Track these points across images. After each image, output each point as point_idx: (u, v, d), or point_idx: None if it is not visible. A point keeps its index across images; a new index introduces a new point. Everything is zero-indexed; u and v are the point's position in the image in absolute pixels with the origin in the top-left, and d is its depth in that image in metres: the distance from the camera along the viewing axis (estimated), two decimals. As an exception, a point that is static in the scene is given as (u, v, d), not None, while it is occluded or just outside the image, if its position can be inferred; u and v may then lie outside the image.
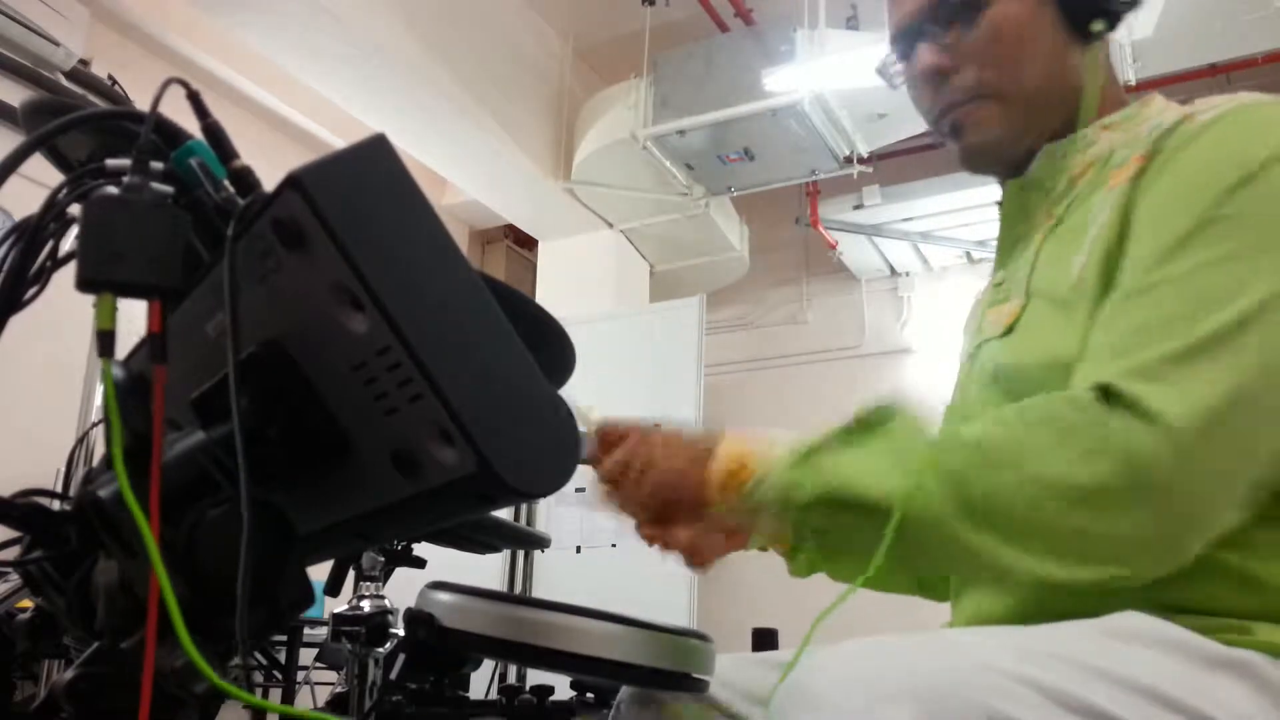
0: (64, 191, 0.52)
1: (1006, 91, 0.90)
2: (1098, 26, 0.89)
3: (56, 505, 0.61)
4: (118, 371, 0.54)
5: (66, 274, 0.56)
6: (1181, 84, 3.71)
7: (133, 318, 0.49)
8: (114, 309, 0.46)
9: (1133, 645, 0.68)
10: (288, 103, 4.27)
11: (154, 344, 0.47)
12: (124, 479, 0.44)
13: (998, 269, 0.96)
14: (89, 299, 0.46)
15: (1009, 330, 0.87)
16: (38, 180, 0.56)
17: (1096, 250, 0.78)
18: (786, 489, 0.74)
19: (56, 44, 3.27)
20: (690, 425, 0.86)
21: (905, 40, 0.96)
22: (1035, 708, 0.62)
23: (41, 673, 1.54)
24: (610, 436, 0.88)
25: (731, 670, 1.00)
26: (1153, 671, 0.65)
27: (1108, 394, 0.66)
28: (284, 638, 3.34)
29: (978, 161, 0.95)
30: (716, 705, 0.98)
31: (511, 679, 3.13)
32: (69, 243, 0.55)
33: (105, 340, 0.47)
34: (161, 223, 0.47)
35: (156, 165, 0.50)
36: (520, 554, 3.94)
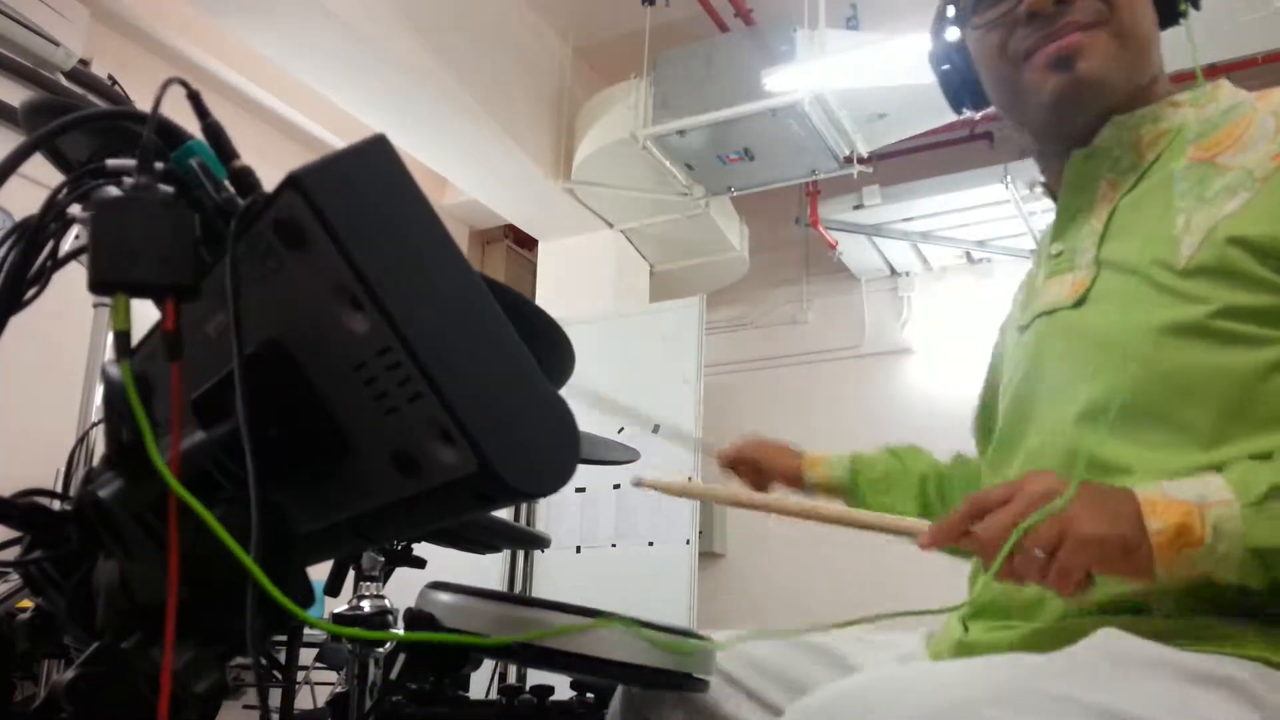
0: (64, 191, 0.52)
1: (1126, 29, 0.89)
2: (1184, 7, 0.93)
3: (56, 505, 0.61)
4: (118, 371, 0.54)
5: (66, 274, 0.56)
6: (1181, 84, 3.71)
7: (135, 318, 0.49)
8: (129, 309, 0.46)
9: (1115, 670, 0.66)
10: (288, 103, 4.27)
11: (169, 342, 0.47)
12: (160, 464, 0.44)
13: (1054, 240, 0.95)
14: (89, 300, 0.46)
15: (1081, 300, 0.87)
16: (38, 180, 0.56)
17: (1220, 240, 0.77)
18: (1260, 550, 0.66)
19: (56, 44, 3.27)
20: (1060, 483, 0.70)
21: None
22: None
23: (41, 673, 1.54)
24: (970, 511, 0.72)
25: (755, 652, 0.99)
26: (1135, 697, 0.63)
27: None
28: (284, 638, 3.34)
29: (1080, 96, 0.90)
30: (728, 678, 0.98)
31: (511, 679, 3.13)
32: (69, 243, 0.55)
33: (122, 341, 0.47)
34: (171, 222, 0.47)
35: (157, 165, 0.50)
36: (520, 554, 3.94)
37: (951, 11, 1.00)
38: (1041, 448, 0.87)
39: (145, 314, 0.49)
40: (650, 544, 3.82)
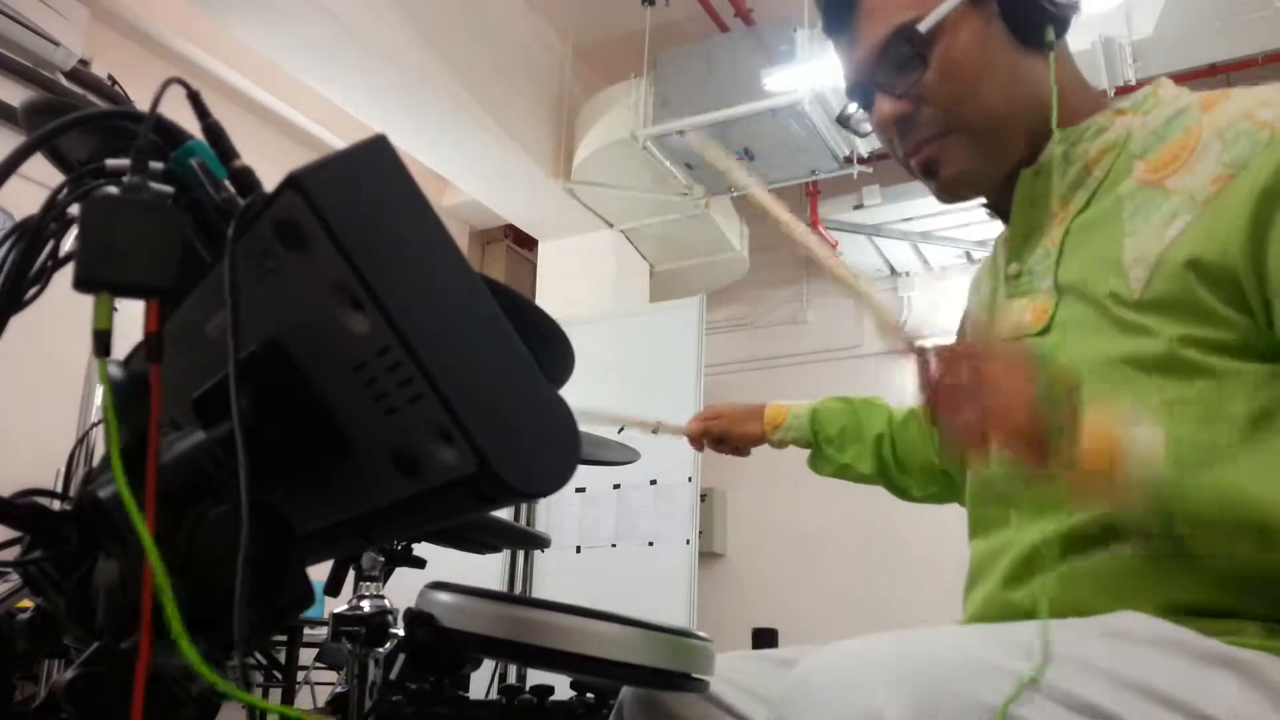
0: (64, 192, 0.52)
1: (971, 123, 0.89)
2: (1050, 35, 0.88)
3: (56, 505, 0.61)
4: (117, 371, 0.54)
5: (67, 274, 0.56)
6: (1182, 84, 3.71)
7: (135, 318, 0.49)
8: (111, 309, 0.46)
9: (1131, 644, 0.68)
10: (288, 103, 4.27)
11: (150, 343, 0.47)
12: (121, 478, 0.44)
13: (1010, 260, 0.94)
14: (90, 300, 0.46)
15: (1047, 328, 0.87)
16: (38, 180, 0.56)
17: (1170, 267, 0.77)
18: (1170, 498, 0.68)
19: (56, 44, 3.27)
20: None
21: (862, 91, 0.95)
22: (1033, 704, 0.63)
23: (41, 673, 1.54)
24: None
25: (732, 667, 1.00)
26: (1151, 670, 0.66)
27: None
28: (284, 638, 3.34)
29: (955, 195, 0.95)
30: (717, 702, 0.98)
31: (511, 679, 3.13)
32: (69, 243, 0.55)
33: (101, 340, 0.47)
34: (160, 223, 0.47)
35: (157, 165, 0.50)
36: (520, 554, 3.94)
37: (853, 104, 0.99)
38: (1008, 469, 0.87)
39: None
40: (650, 544, 3.82)
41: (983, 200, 1.00)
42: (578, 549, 3.93)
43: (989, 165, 0.91)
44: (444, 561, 1.29)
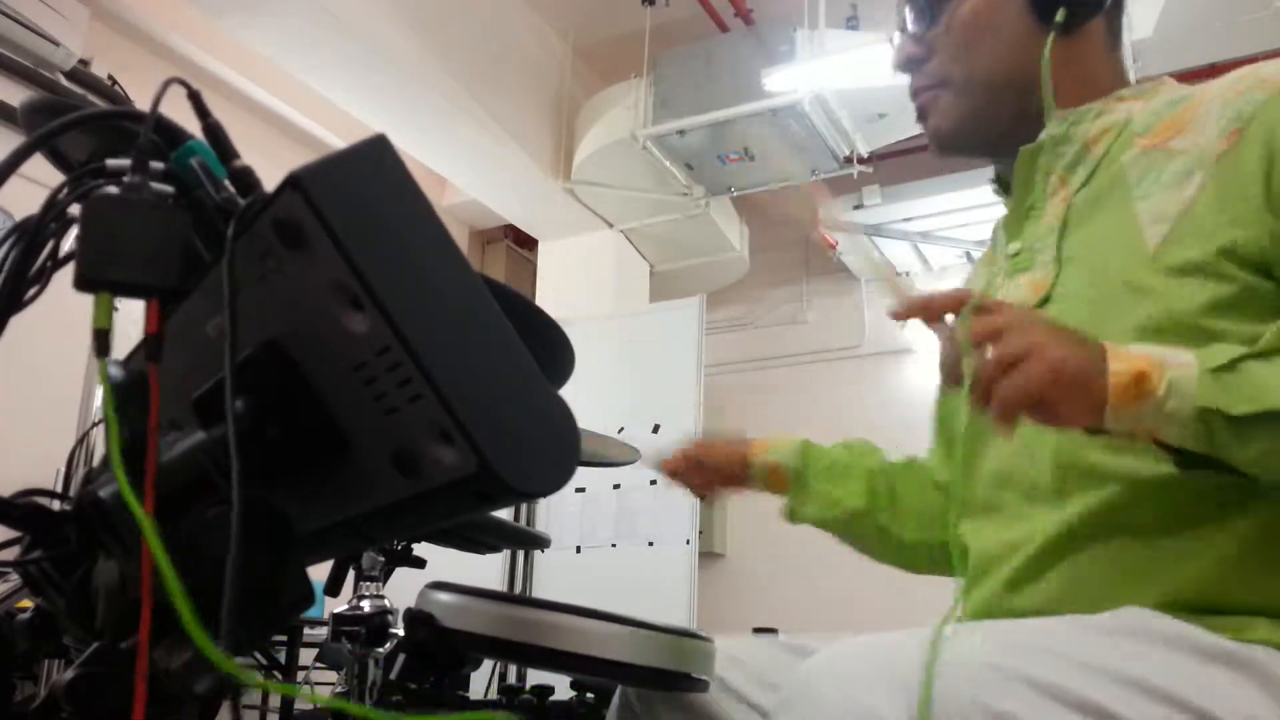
0: (64, 191, 0.52)
1: (961, 81, 0.94)
2: (1060, 16, 0.90)
3: (56, 505, 0.61)
4: (117, 371, 0.54)
5: (67, 274, 0.56)
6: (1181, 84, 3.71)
7: (135, 318, 0.49)
8: (111, 308, 0.46)
9: (1130, 640, 0.68)
10: (288, 103, 4.27)
11: (150, 344, 0.47)
12: (122, 478, 0.44)
13: (1010, 240, 0.94)
14: (90, 299, 0.46)
15: (1045, 300, 0.86)
16: (38, 180, 0.56)
17: (1187, 225, 0.77)
18: (1204, 410, 0.65)
19: (56, 44, 3.27)
20: None
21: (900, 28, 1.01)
22: (1026, 701, 0.62)
23: (41, 673, 1.54)
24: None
25: (739, 653, 1.00)
26: (1151, 667, 0.65)
27: None
28: (284, 638, 3.34)
29: (940, 147, 0.99)
30: (725, 687, 0.98)
31: (511, 679, 3.13)
32: (69, 243, 0.55)
33: (101, 339, 0.47)
34: (160, 222, 0.47)
35: (157, 165, 0.50)
36: (520, 554, 3.94)
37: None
38: (1017, 451, 0.86)
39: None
40: (650, 544, 3.82)
41: (993, 178, 1.01)
42: (578, 549, 3.93)
43: (969, 126, 0.95)
44: (444, 561, 1.29)
